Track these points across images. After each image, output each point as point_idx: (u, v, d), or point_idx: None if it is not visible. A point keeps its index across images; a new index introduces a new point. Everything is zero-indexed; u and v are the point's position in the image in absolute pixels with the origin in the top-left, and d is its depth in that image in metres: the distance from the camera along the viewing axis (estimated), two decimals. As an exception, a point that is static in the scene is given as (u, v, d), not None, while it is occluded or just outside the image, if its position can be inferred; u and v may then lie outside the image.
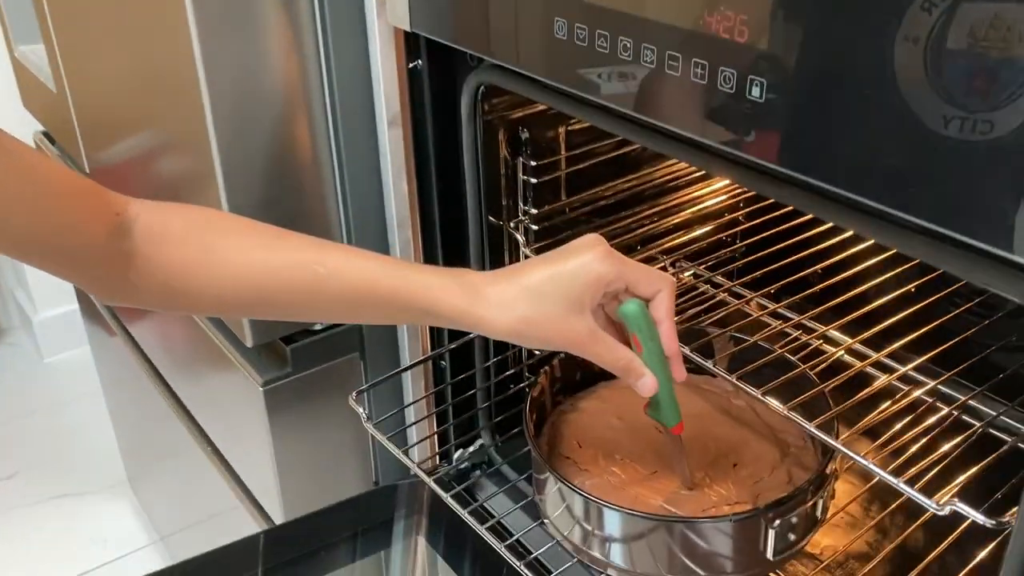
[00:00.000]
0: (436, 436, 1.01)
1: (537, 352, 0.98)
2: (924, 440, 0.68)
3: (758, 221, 0.97)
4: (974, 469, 0.60)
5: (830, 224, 0.90)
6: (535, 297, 0.59)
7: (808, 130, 0.50)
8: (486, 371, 0.95)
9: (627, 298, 0.61)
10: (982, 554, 0.66)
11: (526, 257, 0.88)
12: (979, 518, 0.54)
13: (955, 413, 0.75)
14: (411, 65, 0.82)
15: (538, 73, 0.67)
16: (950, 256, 0.50)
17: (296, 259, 0.63)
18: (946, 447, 0.67)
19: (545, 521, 0.73)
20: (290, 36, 0.84)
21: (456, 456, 1.00)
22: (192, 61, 0.81)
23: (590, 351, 0.60)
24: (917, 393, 0.73)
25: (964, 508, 0.54)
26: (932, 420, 0.72)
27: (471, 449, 0.99)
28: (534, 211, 0.89)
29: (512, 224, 0.89)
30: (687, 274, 0.94)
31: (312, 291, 0.63)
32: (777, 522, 0.62)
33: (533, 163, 0.87)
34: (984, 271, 0.49)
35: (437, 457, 1.01)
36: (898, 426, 0.70)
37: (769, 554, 0.63)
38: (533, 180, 0.87)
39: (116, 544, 1.84)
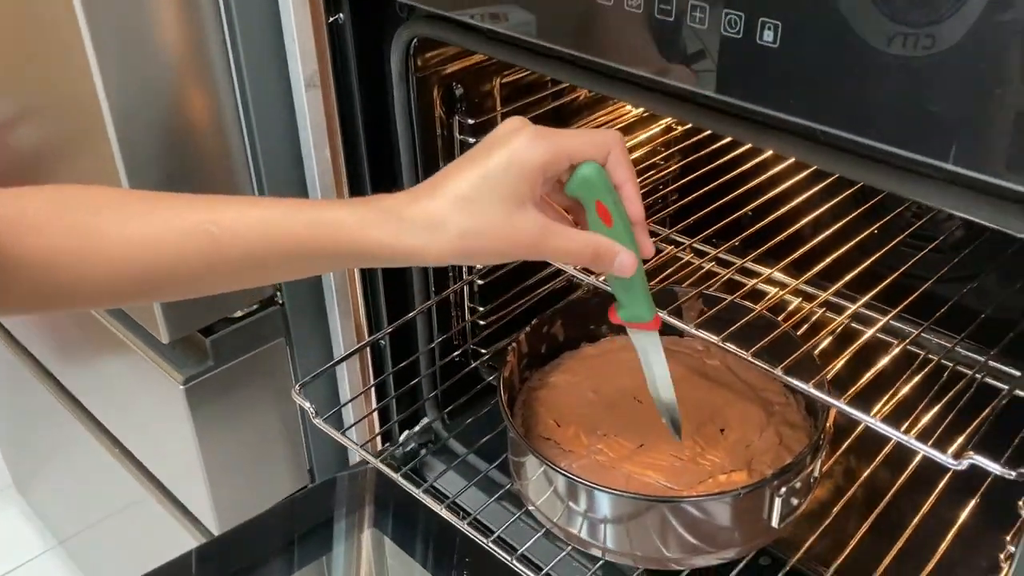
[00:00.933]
0: (377, 416, 0.95)
1: (483, 323, 0.93)
2: (902, 387, 0.67)
3: (689, 163, 0.94)
4: (976, 421, 0.58)
5: (763, 158, 0.88)
6: (467, 205, 0.50)
7: (764, 62, 0.46)
8: (431, 351, 0.89)
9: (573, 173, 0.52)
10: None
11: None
12: (998, 470, 0.53)
13: (921, 354, 0.74)
14: (331, 19, 0.74)
15: (485, 21, 0.60)
16: (891, 175, 0.49)
17: (184, 223, 0.53)
18: (906, 389, 0.65)
19: (530, 508, 0.68)
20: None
21: (403, 437, 0.94)
22: (74, 16, 0.70)
23: (548, 247, 0.51)
24: (871, 332, 0.70)
25: (983, 462, 0.53)
26: (890, 360, 0.70)
27: (417, 428, 0.94)
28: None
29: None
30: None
31: (209, 256, 0.52)
32: (783, 490, 0.59)
33: (471, 121, 0.80)
34: (925, 187, 0.48)
35: (379, 439, 0.95)
36: (867, 375, 0.68)
37: (774, 522, 0.60)
38: (471, 140, 0.81)
39: (8, 553, 1.70)
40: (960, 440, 0.56)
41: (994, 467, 0.53)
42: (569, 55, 0.58)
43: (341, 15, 0.73)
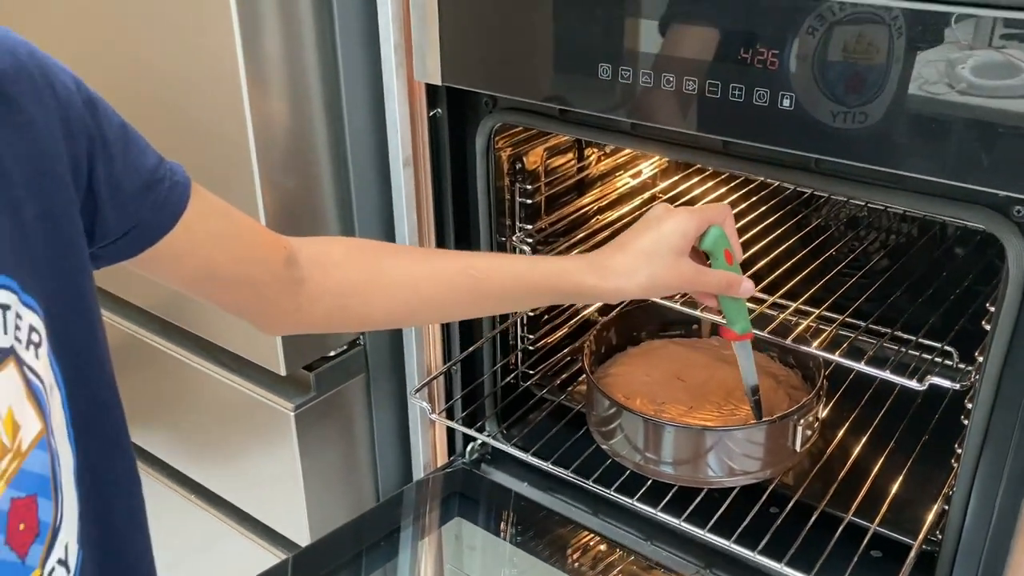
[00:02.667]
0: (448, 429, 1.15)
1: (532, 348, 1.16)
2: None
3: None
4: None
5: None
6: (650, 258, 0.74)
7: (795, 125, 0.73)
8: (493, 374, 1.11)
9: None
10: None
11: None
12: (951, 384, 0.78)
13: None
14: (431, 113, 0.98)
15: (577, 107, 0.86)
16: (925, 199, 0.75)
17: (451, 267, 0.76)
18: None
19: (620, 455, 0.90)
20: (320, 97, 0.98)
21: (467, 448, 1.15)
22: (242, 115, 0.93)
23: (699, 282, 0.77)
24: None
25: (940, 381, 0.79)
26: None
27: (480, 440, 1.15)
28: (528, 227, 1.07)
29: (515, 239, 1.06)
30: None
31: (471, 291, 0.75)
32: (801, 420, 0.83)
33: (528, 187, 1.05)
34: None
35: (447, 451, 1.16)
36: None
37: (797, 446, 0.85)
38: (528, 201, 1.06)
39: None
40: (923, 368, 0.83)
41: (948, 383, 0.79)
42: (635, 126, 0.84)
43: (439, 109, 0.98)
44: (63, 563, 0.50)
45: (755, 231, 1.09)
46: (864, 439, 0.96)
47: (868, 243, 1.14)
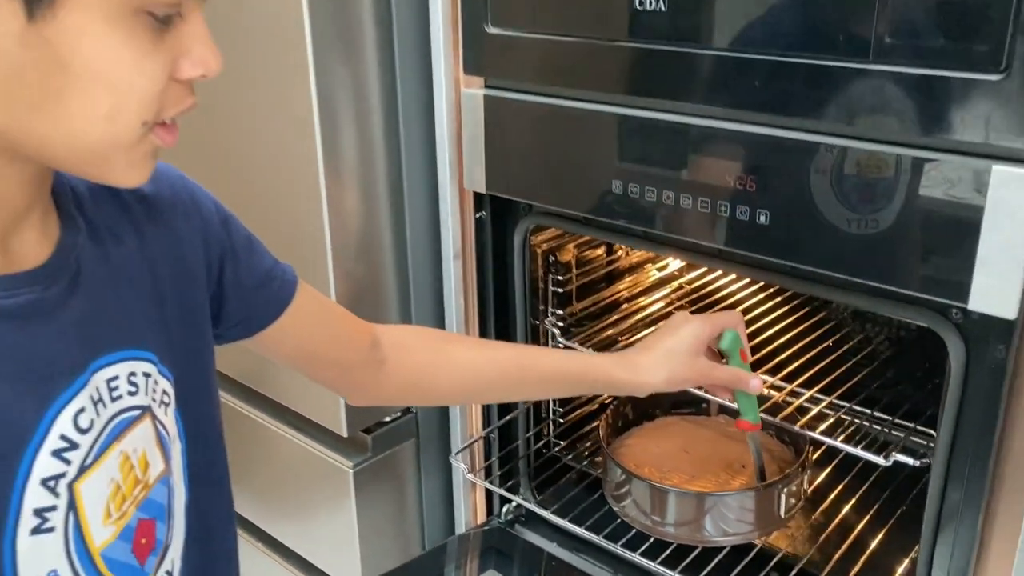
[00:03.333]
0: (486, 491, 1.29)
1: (561, 421, 1.30)
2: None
3: (697, 303, 1.36)
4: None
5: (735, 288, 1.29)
6: (672, 357, 0.89)
7: (793, 239, 0.87)
8: (527, 441, 1.26)
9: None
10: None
11: (557, 346, 1.21)
12: (912, 461, 0.90)
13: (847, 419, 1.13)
14: (477, 215, 1.16)
15: (595, 214, 1.02)
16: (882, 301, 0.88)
17: (503, 357, 0.92)
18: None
19: (629, 516, 1.03)
20: (387, 199, 1.16)
21: (503, 510, 1.28)
22: (320, 212, 1.11)
23: (714, 377, 0.91)
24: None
25: (903, 458, 0.91)
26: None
27: (515, 502, 1.29)
28: (560, 311, 1.23)
29: (547, 322, 1.22)
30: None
31: (519, 379, 0.92)
32: (785, 489, 0.96)
33: (559, 278, 1.21)
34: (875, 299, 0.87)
35: (484, 511, 1.30)
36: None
37: (782, 512, 0.97)
38: (560, 290, 1.21)
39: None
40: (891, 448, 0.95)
41: (910, 460, 0.91)
42: (647, 233, 0.99)
43: (484, 212, 1.15)
44: (169, 574, 0.66)
45: (766, 321, 1.22)
46: (846, 508, 1.08)
47: (871, 333, 1.26)
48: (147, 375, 0.62)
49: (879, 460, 0.91)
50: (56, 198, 0.59)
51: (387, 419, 1.28)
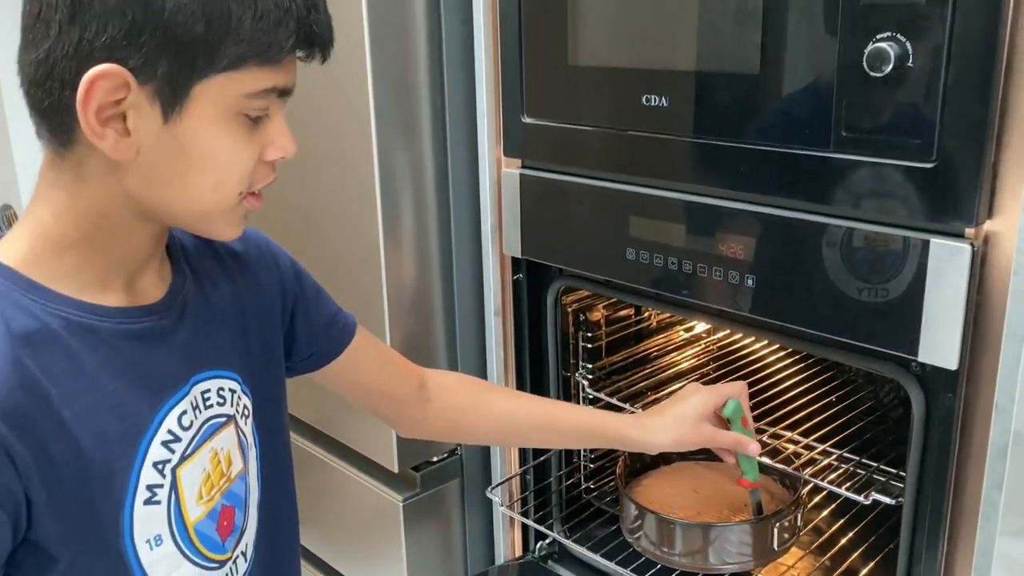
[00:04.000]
0: (523, 528, 1.43)
1: (591, 465, 1.43)
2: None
3: (721, 361, 1.48)
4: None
5: (765, 352, 1.41)
6: (681, 422, 1.02)
7: (776, 300, 1.00)
8: (559, 479, 1.39)
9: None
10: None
11: (586, 396, 1.35)
12: (888, 500, 1.01)
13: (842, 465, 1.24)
14: (515, 277, 1.32)
15: (615, 278, 1.17)
16: (857, 356, 1.00)
17: (533, 408, 1.07)
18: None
19: (642, 548, 1.15)
20: (438, 261, 1.34)
21: (538, 546, 1.41)
22: (379, 271, 1.29)
23: (717, 440, 1.03)
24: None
25: (880, 497, 1.02)
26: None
27: (549, 538, 1.41)
28: (590, 365, 1.37)
29: (578, 375, 1.36)
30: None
31: (545, 428, 1.06)
32: (778, 524, 1.07)
33: (589, 334, 1.36)
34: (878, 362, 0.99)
35: (520, 547, 1.43)
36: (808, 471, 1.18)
37: (775, 545, 1.08)
38: (589, 346, 1.36)
39: None
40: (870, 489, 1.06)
41: (886, 499, 1.02)
42: (657, 294, 1.14)
43: (520, 274, 1.31)
44: (244, 555, 0.82)
45: (779, 376, 1.35)
46: (840, 543, 1.18)
47: (869, 390, 1.37)
48: (232, 391, 0.80)
49: (859, 499, 1.02)
50: (169, 251, 0.78)
51: (435, 459, 1.43)
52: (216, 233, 0.73)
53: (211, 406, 0.77)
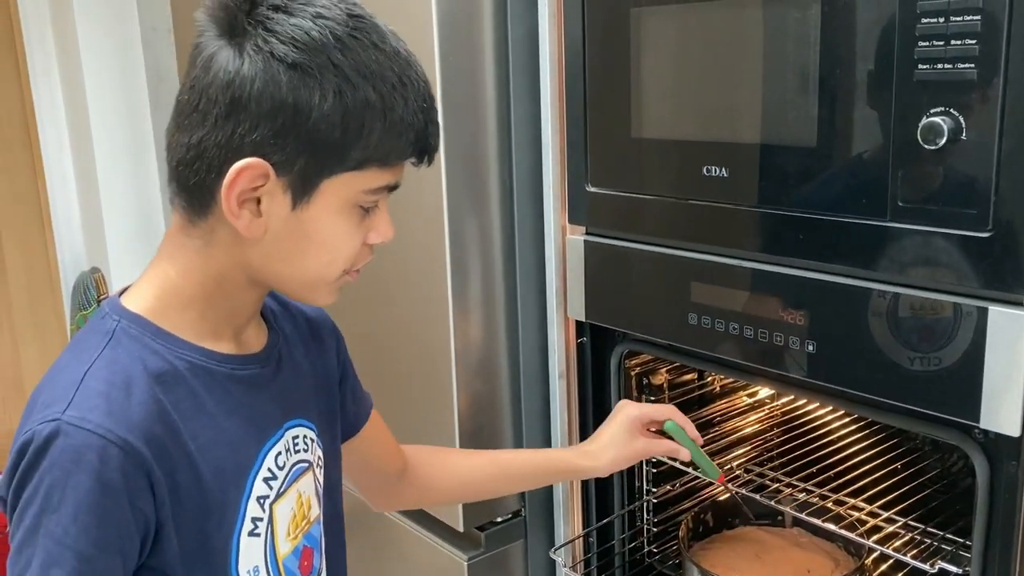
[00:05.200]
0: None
1: (655, 529, 1.44)
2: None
3: (785, 427, 1.49)
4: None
5: (830, 418, 1.41)
6: (614, 440, 1.11)
7: (835, 365, 1.01)
8: (622, 541, 1.40)
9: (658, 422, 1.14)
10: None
11: (650, 460, 1.37)
12: (955, 569, 1.00)
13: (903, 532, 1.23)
14: (579, 340, 1.35)
15: (677, 342, 1.19)
16: (919, 422, 1.00)
17: (486, 460, 1.14)
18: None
19: None
20: (504, 325, 1.38)
21: (601, 605, 1.42)
22: (447, 336, 1.34)
23: (652, 451, 1.13)
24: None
25: (947, 566, 1.01)
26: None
27: (611, 600, 1.42)
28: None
29: (641, 437, 1.38)
30: (737, 463, 1.43)
31: (502, 476, 1.14)
32: (845, 591, 1.07)
33: (652, 398, 1.38)
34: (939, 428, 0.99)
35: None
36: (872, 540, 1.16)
37: (842, 614, 1.07)
38: (652, 408, 1.38)
39: None
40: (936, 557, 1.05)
41: (953, 568, 1.01)
42: (718, 358, 1.16)
43: (585, 338, 1.35)
44: None
45: (847, 441, 1.34)
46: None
47: (948, 460, 1.36)
48: (311, 440, 0.87)
49: (925, 567, 1.02)
50: (261, 313, 0.87)
51: (499, 519, 1.45)
52: (314, 300, 0.82)
53: (299, 451, 0.84)
